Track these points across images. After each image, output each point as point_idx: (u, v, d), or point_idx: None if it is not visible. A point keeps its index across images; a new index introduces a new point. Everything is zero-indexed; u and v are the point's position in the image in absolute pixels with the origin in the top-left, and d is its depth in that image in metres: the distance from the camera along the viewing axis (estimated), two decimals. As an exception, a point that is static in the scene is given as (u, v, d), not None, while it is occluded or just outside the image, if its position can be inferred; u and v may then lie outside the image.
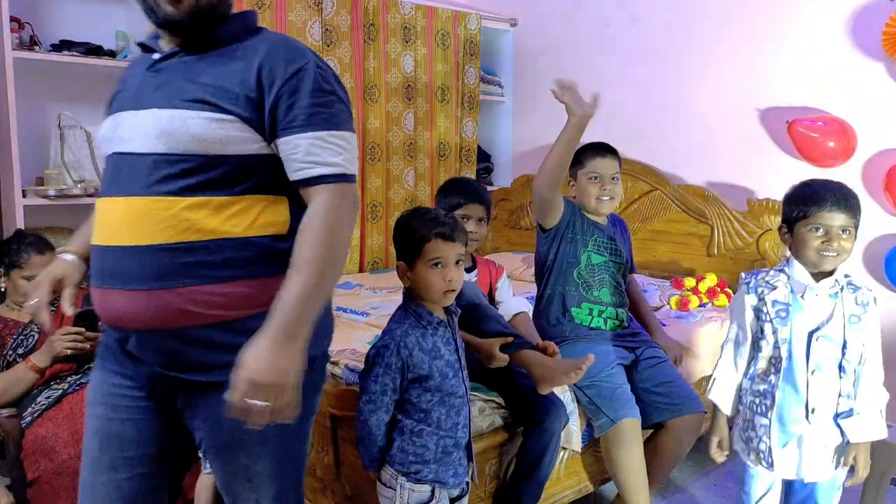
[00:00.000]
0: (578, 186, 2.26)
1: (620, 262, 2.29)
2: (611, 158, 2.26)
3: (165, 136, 1.15)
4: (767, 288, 1.68)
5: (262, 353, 1.08)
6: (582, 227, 2.24)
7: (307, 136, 1.17)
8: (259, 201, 1.20)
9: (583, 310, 2.23)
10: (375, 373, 1.45)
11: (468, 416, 1.55)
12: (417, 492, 1.48)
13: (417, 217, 1.50)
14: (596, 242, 2.24)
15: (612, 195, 2.23)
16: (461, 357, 1.54)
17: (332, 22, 3.48)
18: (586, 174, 2.23)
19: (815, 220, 1.61)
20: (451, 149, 4.08)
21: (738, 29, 3.19)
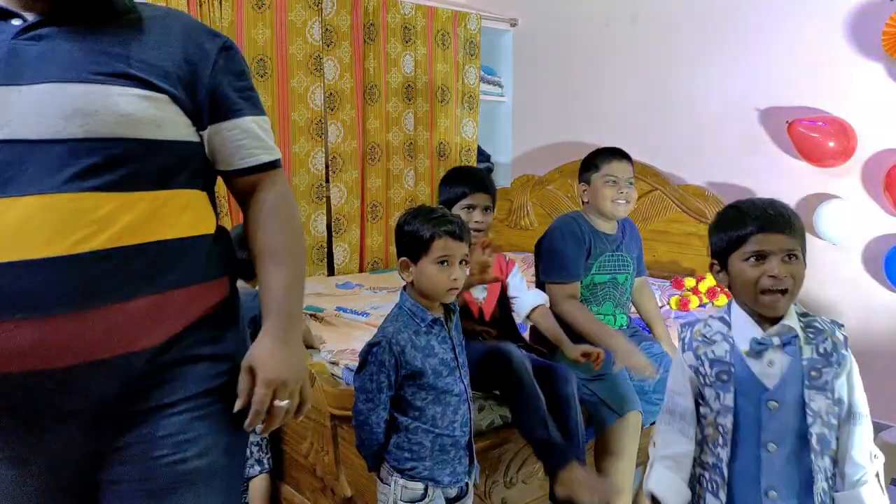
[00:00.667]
0: (592, 190, 2.21)
1: (626, 272, 2.27)
2: (626, 163, 2.23)
3: (82, 117, 0.92)
4: (703, 343, 1.34)
5: (275, 350, 1.04)
6: (590, 250, 2.20)
7: (252, 119, 1.09)
8: (191, 197, 1.06)
9: None
10: (370, 371, 1.46)
11: (467, 415, 1.54)
12: (410, 489, 1.48)
13: (424, 214, 1.50)
14: (600, 263, 2.21)
15: (627, 199, 2.20)
16: (458, 355, 1.53)
17: (332, 22, 3.48)
18: (602, 177, 2.18)
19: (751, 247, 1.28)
20: (451, 149, 4.08)
21: (738, 29, 3.19)
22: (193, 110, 1.03)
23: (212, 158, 1.10)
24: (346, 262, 3.70)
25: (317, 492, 2.00)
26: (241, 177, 1.12)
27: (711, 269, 1.40)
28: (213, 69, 1.05)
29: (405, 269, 1.50)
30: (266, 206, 1.12)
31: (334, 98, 3.54)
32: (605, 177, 2.18)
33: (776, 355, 1.29)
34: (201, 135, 1.06)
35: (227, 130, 1.07)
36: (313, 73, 3.44)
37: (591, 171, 2.22)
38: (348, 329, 2.42)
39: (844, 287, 2.95)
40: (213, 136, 1.07)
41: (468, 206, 2.00)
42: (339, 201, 3.64)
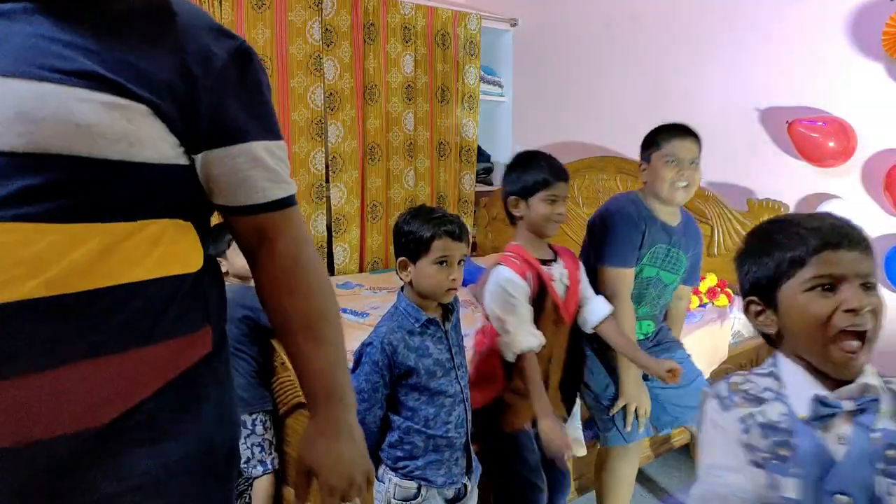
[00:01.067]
0: (651, 170, 2.01)
1: (676, 273, 2.08)
2: (691, 142, 2.01)
3: (24, 124, 0.70)
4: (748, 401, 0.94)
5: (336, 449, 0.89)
6: (644, 237, 2.01)
7: (264, 145, 0.87)
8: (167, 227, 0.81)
9: None
10: (364, 371, 1.47)
11: (463, 416, 1.54)
12: (404, 487, 1.49)
13: (424, 215, 1.50)
14: (653, 254, 2.02)
15: (689, 181, 1.99)
16: (455, 356, 1.54)
17: (332, 22, 3.48)
18: (663, 157, 1.98)
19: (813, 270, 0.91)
20: (451, 149, 4.08)
21: (738, 29, 3.19)
22: (185, 128, 0.80)
23: (207, 190, 0.87)
24: (346, 262, 3.70)
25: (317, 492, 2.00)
26: (247, 216, 0.89)
27: (747, 310, 1.01)
28: (218, 79, 0.82)
29: (404, 269, 1.50)
30: (287, 263, 0.90)
31: (334, 98, 3.54)
32: (666, 156, 1.98)
33: (846, 426, 0.90)
34: (193, 158, 0.84)
35: (231, 158, 0.84)
36: (313, 73, 3.44)
37: (652, 148, 2.03)
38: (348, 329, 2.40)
39: (844, 287, 2.95)
40: (210, 163, 0.84)
41: (550, 197, 1.83)
42: (339, 201, 3.63)
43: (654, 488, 2.50)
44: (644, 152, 2.06)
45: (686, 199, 2.03)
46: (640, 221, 1.99)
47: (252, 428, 2.02)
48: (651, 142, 2.03)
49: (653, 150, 2.02)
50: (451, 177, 4.11)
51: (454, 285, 1.49)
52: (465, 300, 2.96)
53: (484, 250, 4.30)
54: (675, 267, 2.06)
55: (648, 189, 2.04)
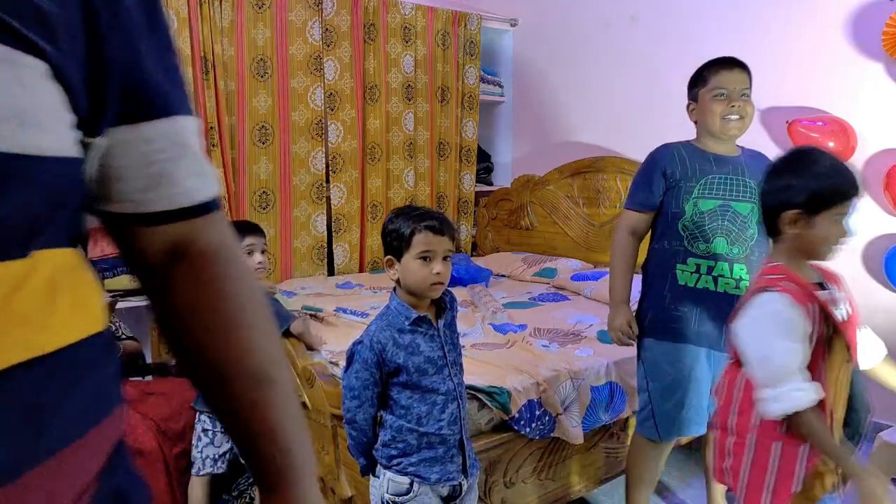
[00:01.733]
0: (700, 108, 1.94)
1: (750, 200, 1.89)
2: (739, 72, 1.92)
3: None
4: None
5: None
6: (686, 171, 1.92)
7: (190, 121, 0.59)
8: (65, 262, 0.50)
9: (688, 266, 1.91)
10: (355, 369, 1.48)
11: (456, 414, 1.54)
12: (397, 482, 1.51)
13: (406, 212, 1.52)
14: (706, 185, 1.90)
15: (741, 113, 1.89)
16: (448, 353, 1.54)
17: (332, 22, 3.48)
18: (710, 91, 1.90)
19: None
20: (451, 149, 4.08)
21: (737, 29, 3.19)
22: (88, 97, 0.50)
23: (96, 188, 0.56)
24: (346, 262, 3.70)
25: None
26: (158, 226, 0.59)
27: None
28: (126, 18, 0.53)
29: (390, 267, 1.52)
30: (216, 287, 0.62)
31: (334, 98, 3.54)
32: (714, 90, 1.90)
33: None
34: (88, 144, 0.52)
35: (145, 142, 0.56)
36: (313, 73, 3.44)
37: (699, 86, 1.95)
38: (348, 329, 2.42)
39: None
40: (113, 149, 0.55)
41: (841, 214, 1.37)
42: (339, 201, 3.64)
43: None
44: (691, 91, 1.98)
45: (741, 132, 1.93)
46: (662, 161, 1.95)
47: None
48: (697, 79, 1.96)
49: (699, 87, 1.94)
50: (451, 177, 4.11)
51: (439, 279, 1.50)
52: (463, 300, 2.96)
53: (484, 250, 4.30)
54: (745, 194, 1.90)
55: (700, 128, 1.97)
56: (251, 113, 3.28)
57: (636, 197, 2.00)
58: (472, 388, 1.87)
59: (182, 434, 2.11)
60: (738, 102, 1.88)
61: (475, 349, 2.26)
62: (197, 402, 2.06)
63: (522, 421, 1.95)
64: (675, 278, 1.91)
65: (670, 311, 1.92)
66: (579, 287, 3.20)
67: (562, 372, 2.10)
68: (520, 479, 2.03)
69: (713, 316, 1.87)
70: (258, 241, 2.06)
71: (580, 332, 2.50)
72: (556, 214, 3.84)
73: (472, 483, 1.61)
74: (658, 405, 1.97)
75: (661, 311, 1.94)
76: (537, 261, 3.64)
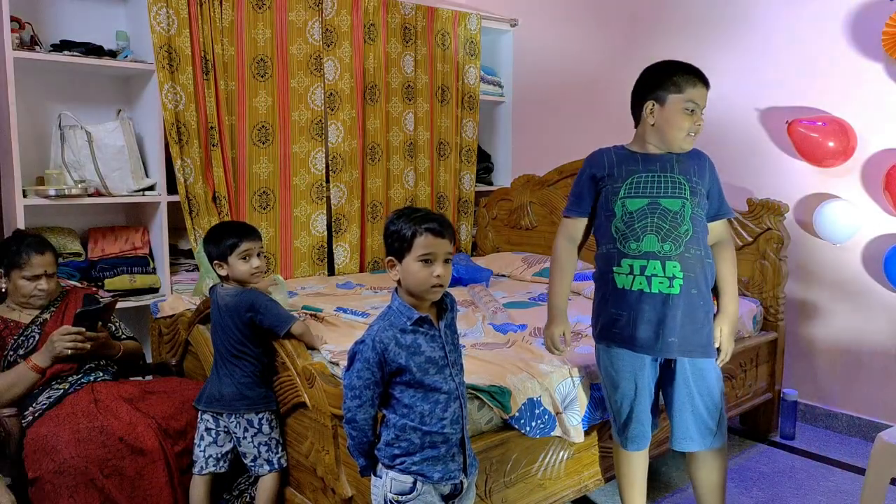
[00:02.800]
0: (664, 114, 1.86)
1: (679, 196, 1.85)
2: (705, 88, 1.89)
3: None
4: None
5: None
6: (613, 173, 1.90)
7: None
8: None
9: (623, 268, 1.87)
10: (356, 368, 1.49)
11: (458, 413, 1.55)
12: (400, 481, 1.51)
13: (407, 214, 1.53)
14: (632, 184, 1.87)
15: (698, 132, 1.88)
16: (449, 354, 1.55)
17: (332, 22, 3.48)
18: (683, 102, 1.84)
19: None
20: (451, 149, 4.08)
21: (738, 29, 3.19)
22: None
23: None
24: (346, 262, 3.70)
25: (317, 492, 2.00)
26: None
27: None
28: None
29: (391, 268, 1.53)
30: None
31: (334, 98, 3.54)
32: (687, 102, 1.84)
33: None
34: None
35: None
36: (313, 73, 3.45)
37: (670, 89, 1.86)
38: (348, 329, 2.42)
39: (844, 287, 2.96)
40: None
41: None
42: (339, 201, 3.64)
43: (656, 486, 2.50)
44: (656, 91, 1.88)
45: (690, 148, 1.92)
46: (591, 166, 1.96)
47: (259, 427, 2.03)
48: (667, 82, 1.86)
49: (670, 92, 1.85)
50: (451, 177, 4.11)
51: (439, 282, 1.51)
52: (463, 300, 2.96)
53: (484, 250, 4.30)
54: (674, 190, 1.85)
55: (651, 131, 1.89)
56: (251, 113, 3.28)
57: (569, 203, 2.02)
58: (473, 387, 1.87)
59: (183, 432, 2.11)
60: (700, 122, 1.87)
61: (475, 349, 2.26)
62: (199, 401, 2.06)
63: (522, 420, 1.96)
64: (613, 282, 1.89)
65: (612, 315, 1.91)
66: (579, 287, 3.20)
67: (562, 370, 2.10)
68: (520, 479, 2.03)
69: (650, 319, 1.85)
70: (255, 245, 2.06)
71: (580, 331, 2.50)
72: (556, 214, 3.84)
73: (471, 482, 1.62)
74: (615, 413, 2.00)
75: (605, 317, 1.94)
76: (537, 261, 3.64)
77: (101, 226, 3.24)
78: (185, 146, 3.09)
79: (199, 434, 2.05)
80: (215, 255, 2.06)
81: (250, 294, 2.06)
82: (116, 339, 2.41)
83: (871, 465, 1.88)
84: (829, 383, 3.05)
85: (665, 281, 1.82)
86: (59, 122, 2.93)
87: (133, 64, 3.02)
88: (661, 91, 1.87)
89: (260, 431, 2.03)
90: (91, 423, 2.00)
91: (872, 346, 2.88)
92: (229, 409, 2.01)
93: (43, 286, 2.23)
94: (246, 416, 2.02)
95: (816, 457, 2.80)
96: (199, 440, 2.05)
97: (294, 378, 2.02)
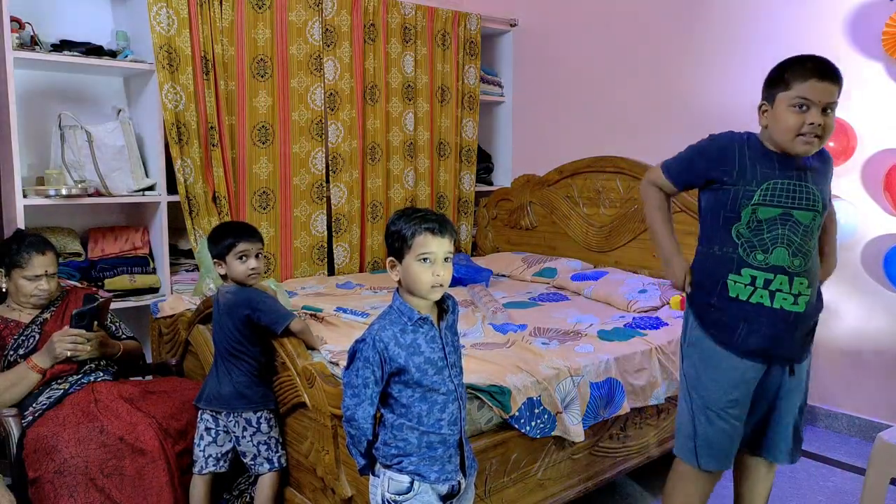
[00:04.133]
0: (774, 114, 1.66)
1: (812, 209, 1.67)
2: (829, 83, 1.61)
3: None
4: None
5: None
6: (745, 173, 1.69)
7: None
8: None
9: (743, 277, 1.70)
10: (356, 367, 1.49)
11: (456, 414, 1.55)
12: (397, 481, 1.51)
13: (407, 214, 1.53)
14: (766, 191, 1.67)
15: (822, 132, 1.62)
16: (448, 355, 1.55)
17: (332, 22, 3.48)
18: (790, 100, 1.62)
19: None
20: (451, 149, 4.08)
21: (738, 29, 3.19)
22: None
23: None
24: (346, 262, 3.70)
25: (317, 491, 2.00)
26: None
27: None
28: None
29: (392, 269, 1.53)
30: None
31: (334, 98, 3.54)
32: (795, 99, 1.61)
33: None
34: None
35: None
36: (313, 73, 3.45)
37: (779, 87, 1.65)
38: (348, 329, 2.42)
39: (844, 287, 2.95)
40: None
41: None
42: (339, 201, 3.64)
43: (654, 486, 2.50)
44: (768, 90, 1.69)
45: (813, 152, 1.66)
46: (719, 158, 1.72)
47: (257, 426, 2.03)
48: (778, 79, 1.66)
49: (779, 89, 1.65)
50: (451, 177, 4.11)
51: (439, 282, 1.51)
52: (463, 300, 2.96)
53: (484, 250, 4.30)
54: (810, 202, 1.67)
55: (768, 135, 1.70)
56: (251, 113, 3.28)
57: (675, 166, 1.83)
58: (473, 387, 1.88)
59: (184, 432, 2.11)
60: (818, 119, 1.61)
61: (475, 349, 2.26)
62: (199, 399, 2.06)
63: (522, 419, 1.96)
64: (725, 288, 1.72)
65: (721, 321, 1.74)
66: (579, 287, 3.20)
67: (562, 369, 2.10)
68: (520, 479, 2.03)
69: (764, 334, 1.69)
70: (253, 246, 2.05)
71: (580, 331, 2.50)
72: (556, 214, 3.84)
73: (470, 482, 1.62)
74: (700, 424, 1.75)
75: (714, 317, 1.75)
76: (537, 261, 3.65)
77: (101, 226, 3.24)
78: (185, 146, 3.09)
79: (198, 433, 2.05)
80: (214, 254, 2.06)
81: (249, 291, 2.06)
82: (116, 338, 2.41)
83: (871, 465, 1.88)
84: (829, 383, 3.05)
85: (789, 298, 1.68)
86: (59, 122, 2.93)
87: (133, 64, 3.03)
88: (773, 90, 1.68)
89: (259, 430, 2.03)
90: (91, 423, 2.00)
91: (872, 345, 2.88)
92: (228, 407, 2.01)
93: (44, 286, 2.23)
94: (244, 414, 2.02)
95: (816, 457, 2.80)
96: (198, 440, 2.05)
97: (294, 378, 2.02)
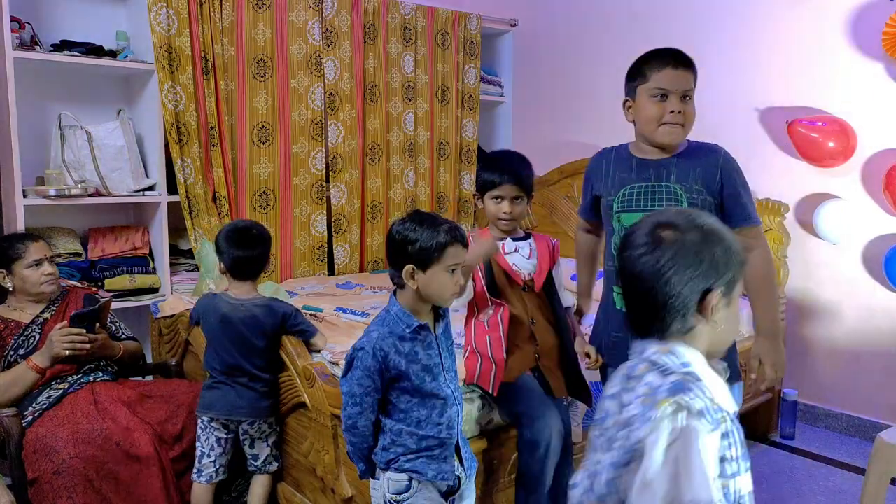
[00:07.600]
0: (637, 107, 1.69)
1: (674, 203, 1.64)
2: (684, 70, 1.65)
3: None
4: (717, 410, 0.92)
5: None
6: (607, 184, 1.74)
7: None
8: None
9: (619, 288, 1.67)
10: (356, 376, 1.48)
11: (455, 418, 1.56)
12: (395, 480, 1.52)
13: (429, 221, 1.50)
14: (623, 197, 1.70)
15: (683, 120, 1.64)
16: (444, 360, 1.55)
17: (332, 22, 3.48)
18: (649, 90, 1.65)
19: None
20: (451, 149, 4.08)
21: (737, 29, 3.19)
22: None
23: None
24: (346, 262, 3.70)
25: (317, 491, 2.00)
26: None
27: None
28: None
29: (411, 278, 1.49)
30: None
31: (334, 98, 3.54)
32: (653, 90, 1.64)
33: None
34: None
35: None
36: (313, 73, 3.44)
37: (638, 80, 1.69)
38: (348, 329, 2.42)
39: (844, 287, 2.95)
40: None
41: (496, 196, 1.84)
42: (339, 201, 3.64)
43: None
44: (628, 86, 1.73)
45: (680, 140, 1.67)
46: (590, 172, 1.84)
47: (273, 428, 2.07)
48: (636, 73, 1.69)
49: (638, 82, 1.69)
50: (451, 177, 4.11)
51: (458, 289, 1.51)
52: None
53: (484, 250, 4.30)
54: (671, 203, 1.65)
55: (636, 131, 1.73)
56: (251, 113, 3.28)
57: (582, 200, 1.96)
58: (476, 386, 1.87)
59: (179, 437, 2.11)
60: (677, 108, 1.63)
61: (475, 349, 2.25)
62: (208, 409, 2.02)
63: (522, 421, 1.95)
64: (612, 302, 1.75)
65: (612, 339, 1.75)
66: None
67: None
68: (520, 479, 2.02)
69: None
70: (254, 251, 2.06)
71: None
72: (557, 214, 3.84)
73: (470, 481, 1.62)
74: None
75: (606, 338, 1.78)
76: (537, 261, 3.64)
77: (101, 226, 3.24)
78: (185, 146, 3.09)
79: (207, 445, 2.03)
80: None
81: (279, 303, 2.08)
82: (117, 339, 2.40)
83: (870, 465, 1.88)
84: (829, 383, 3.05)
85: None
86: (59, 122, 2.93)
87: (133, 64, 3.02)
88: (633, 83, 1.71)
89: (273, 432, 2.08)
90: (90, 424, 2.00)
91: (872, 345, 2.88)
92: (254, 415, 2.03)
93: (48, 270, 2.23)
94: (268, 419, 2.07)
95: (816, 457, 2.80)
96: (208, 450, 2.03)
97: (294, 378, 2.02)
